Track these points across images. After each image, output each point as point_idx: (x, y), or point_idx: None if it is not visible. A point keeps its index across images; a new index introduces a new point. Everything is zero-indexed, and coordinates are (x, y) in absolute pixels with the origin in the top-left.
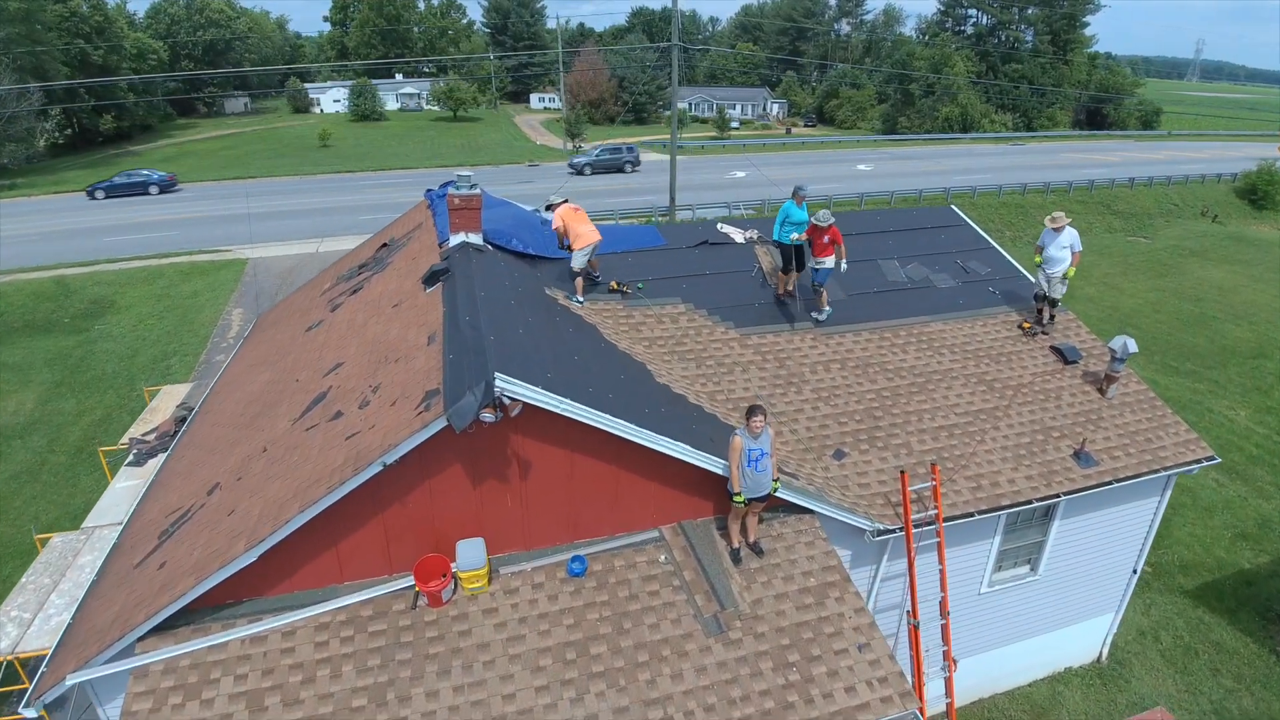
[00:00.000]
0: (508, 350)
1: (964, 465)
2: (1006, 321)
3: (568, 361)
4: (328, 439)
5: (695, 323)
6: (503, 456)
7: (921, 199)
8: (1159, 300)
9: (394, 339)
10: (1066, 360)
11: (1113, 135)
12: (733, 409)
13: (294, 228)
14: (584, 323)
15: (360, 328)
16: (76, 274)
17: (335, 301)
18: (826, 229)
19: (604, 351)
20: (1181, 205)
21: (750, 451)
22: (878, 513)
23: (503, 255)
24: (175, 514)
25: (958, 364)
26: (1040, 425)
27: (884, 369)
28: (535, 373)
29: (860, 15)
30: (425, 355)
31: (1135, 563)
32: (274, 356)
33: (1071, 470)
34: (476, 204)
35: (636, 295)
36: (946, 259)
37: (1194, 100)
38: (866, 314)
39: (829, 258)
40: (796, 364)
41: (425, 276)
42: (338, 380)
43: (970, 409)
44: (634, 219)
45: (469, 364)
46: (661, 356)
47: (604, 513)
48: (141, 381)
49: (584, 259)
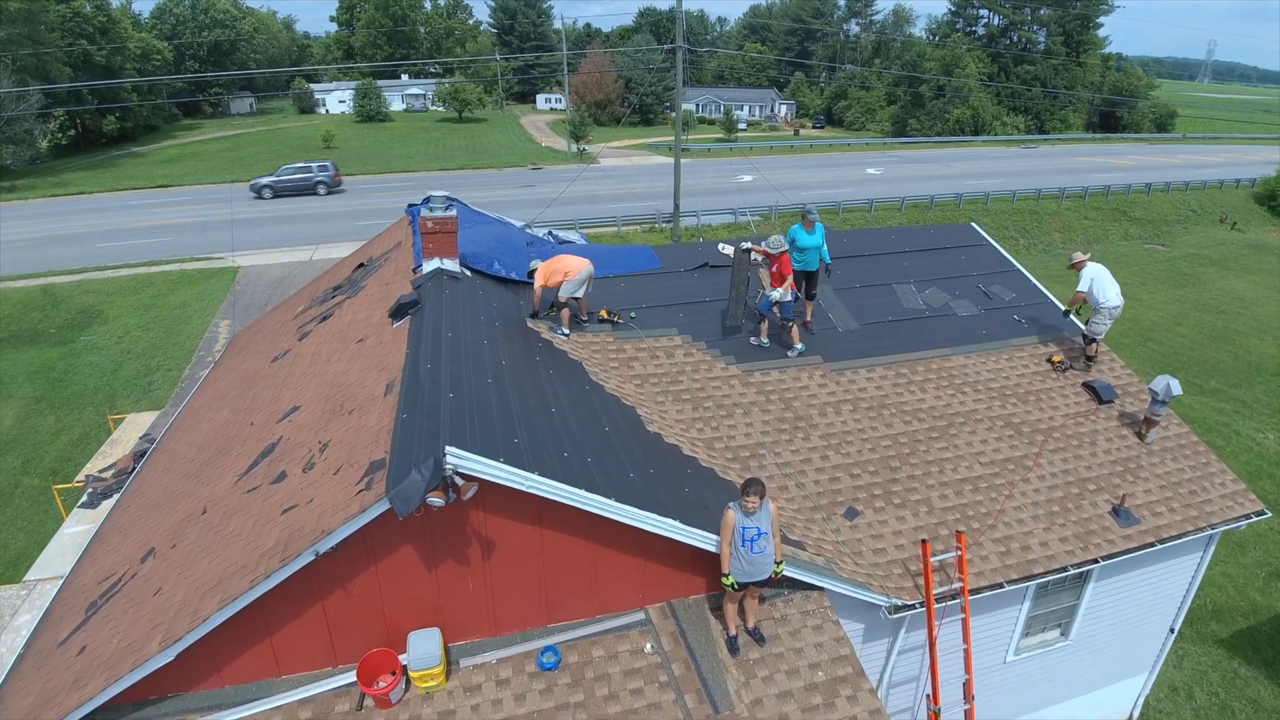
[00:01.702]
0: (468, 410)
1: (990, 525)
2: (1034, 354)
3: (542, 416)
4: (265, 509)
5: (693, 357)
6: (461, 535)
7: (933, 205)
8: (1179, 312)
9: (353, 382)
10: (1101, 399)
11: (1126, 138)
12: (732, 459)
13: (289, 234)
14: (568, 360)
15: (323, 364)
16: (66, 282)
17: (304, 329)
18: (777, 256)
19: (587, 396)
20: (1199, 212)
21: (745, 530)
22: (895, 585)
23: (482, 281)
24: (108, 581)
25: (981, 404)
26: (1074, 476)
27: (901, 411)
28: (499, 438)
29: (870, 15)
30: (380, 409)
31: (1173, 621)
32: (235, 390)
33: (1110, 529)
34: (452, 227)
35: (628, 326)
36: (967, 283)
37: (1207, 102)
38: (881, 346)
39: (776, 289)
40: (804, 405)
41: (393, 309)
42: (290, 429)
43: (997, 457)
44: (635, 226)
45: (421, 429)
46: (654, 397)
47: (581, 593)
48: (122, 398)
49: (574, 289)
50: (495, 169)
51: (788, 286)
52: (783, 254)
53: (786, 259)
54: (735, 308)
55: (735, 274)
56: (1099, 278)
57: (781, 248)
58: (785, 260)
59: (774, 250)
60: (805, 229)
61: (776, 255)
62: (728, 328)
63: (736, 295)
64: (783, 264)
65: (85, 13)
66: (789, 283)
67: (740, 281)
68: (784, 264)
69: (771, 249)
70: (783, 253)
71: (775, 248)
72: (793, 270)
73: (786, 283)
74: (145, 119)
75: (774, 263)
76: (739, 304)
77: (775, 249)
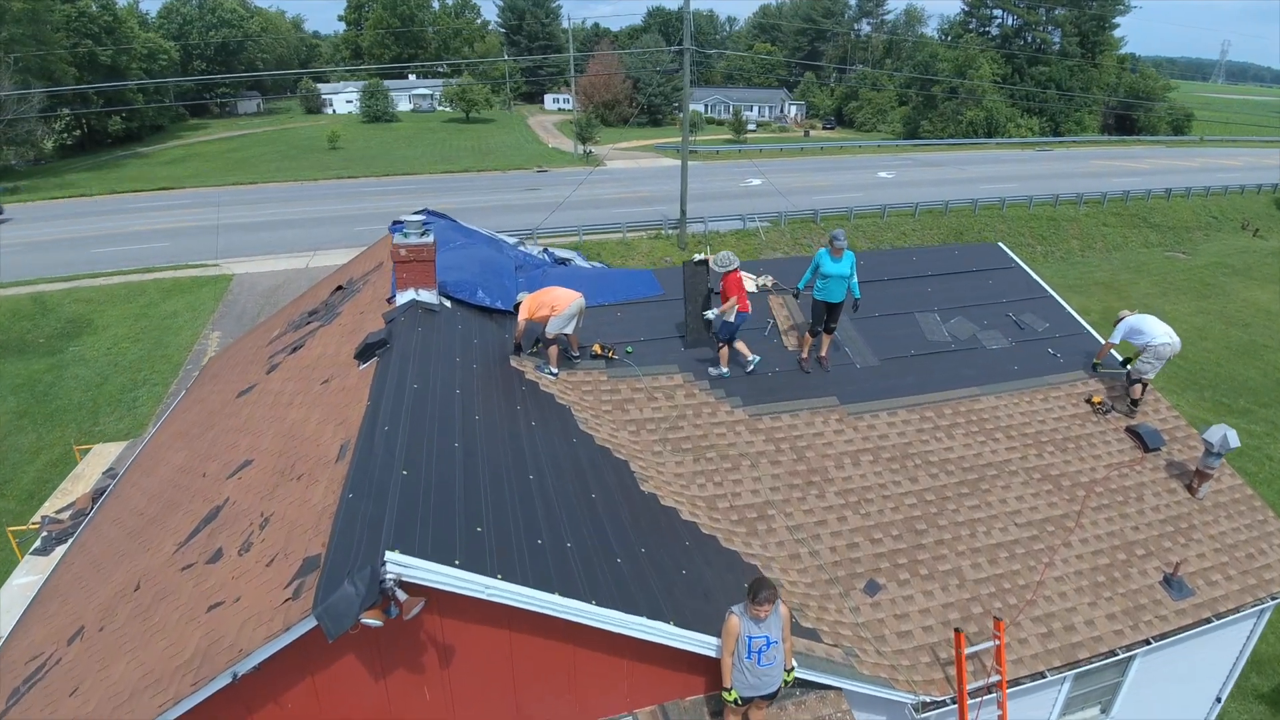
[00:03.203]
0: (424, 490)
1: (1029, 600)
2: (1072, 394)
3: (517, 487)
4: (193, 601)
5: (694, 399)
6: (414, 640)
7: (948, 210)
8: (1204, 325)
9: (309, 436)
10: (1147, 447)
11: (1143, 140)
12: (738, 520)
13: (287, 239)
14: (555, 405)
15: (284, 406)
16: (56, 290)
17: (274, 359)
18: (722, 275)
19: (574, 452)
20: (1220, 218)
21: (752, 640)
22: (922, 677)
23: (463, 312)
24: (34, 662)
25: (1016, 453)
26: (1120, 538)
27: (926, 461)
28: (458, 529)
29: (881, 15)
30: (328, 479)
31: (1220, 691)
32: (198, 428)
33: (1161, 603)
34: (428, 254)
35: (624, 362)
36: (995, 311)
37: (1221, 103)
38: (903, 385)
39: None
40: (819, 455)
41: (359, 349)
42: (238, 489)
43: (1035, 517)
44: (641, 232)
45: (364, 518)
46: (651, 447)
47: (559, 698)
48: (105, 415)
49: (563, 325)
50: (500, 171)
51: (732, 307)
52: (730, 272)
53: (734, 279)
54: (692, 321)
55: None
56: (1137, 324)
57: (728, 265)
58: (733, 280)
59: (720, 268)
60: (832, 255)
61: (722, 274)
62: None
63: (693, 310)
64: (729, 284)
65: (91, 12)
66: (733, 304)
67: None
68: (730, 284)
69: (718, 266)
70: (731, 270)
71: (722, 265)
72: (745, 292)
73: (730, 304)
74: (151, 119)
75: (722, 280)
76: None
77: (722, 266)
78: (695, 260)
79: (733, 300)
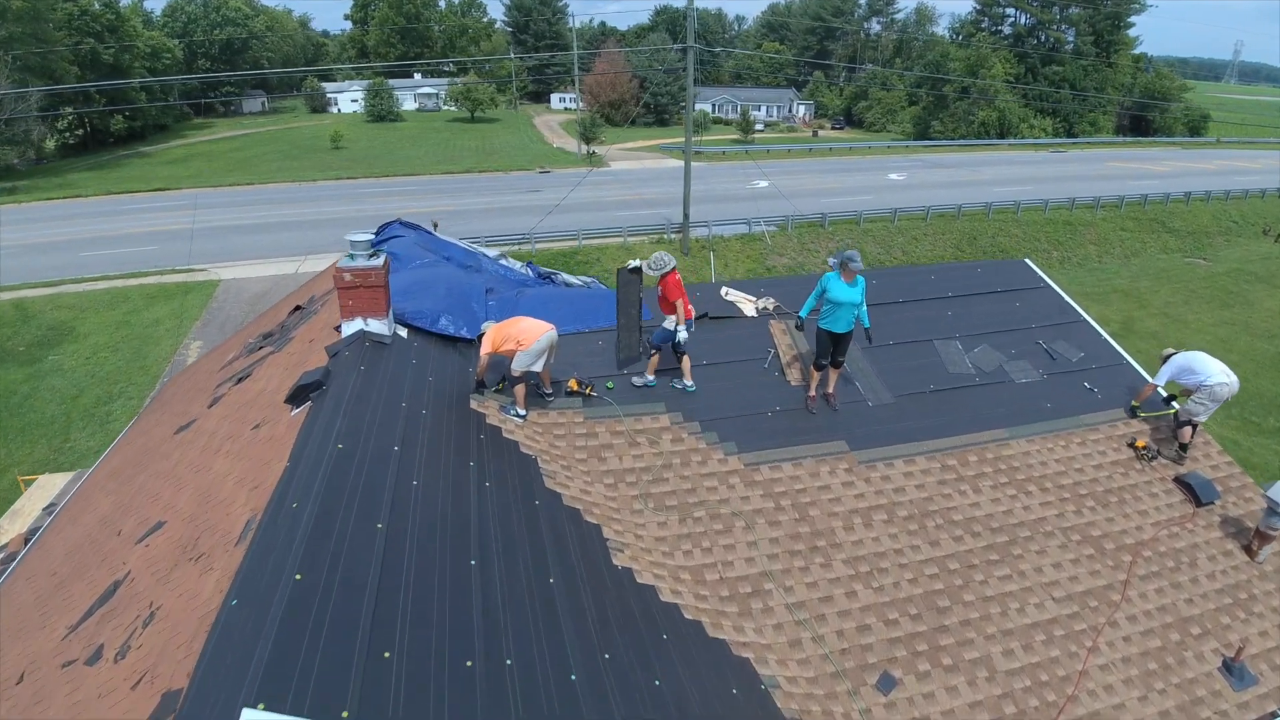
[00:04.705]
0: (321, 602)
1: (1071, 695)
2: (1112, 436)
3: (450, 584)
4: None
5: (682, 444)
6: None
7: (961, 215)
8: (1229, 337)
9: (223, 501)
10: (1199, 501)
11: (1158, 142)
12: (729, 597)
13: (280, 242)
14: (518, 457)
15: (212, 455)
16: (39, 295)
17: (219, 390)
18: (659, 279)
19: (534, 519)
20: (1241, 223)
21: None
22: None
23: (422, 342)
24: None
25: (1051, 509)
26: (1173, 614)
27: (949, 521)
28: (355, 656)
29: (891, 14)
30: (222, 569)
31: None
32: (131, 467)
33: (1222, 694)
34: (377, 279)
35: (604, 400)
36: (1024, 338)
37: (1234, 104)
38: (921, 427)
39: (670, 317)
40: (824, 513)
41: (291, 391)
42: (142, 561)
43: (1074, 589)
44: (643, 237)
45: (238, 644)
46: (630, 503)
47: None
48: (77, 430)
49: (530, 362)
50: (502, 172)
51: (683, 315)
52: (667, 274)
53: (673, 281)
54: (626, 337)
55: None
56: (1188, 363)
57: (664, 267)
58: (672, 282)
59: (654, 269)
60: (844, 279)
61: (659, 276)
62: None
63: (626, 323)
64: (668, 287)
65: (93, 11)
66: (682, 312)
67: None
68: (669, 287)
69: (652, 268)
70: (667, 273)
71: (657, 266)
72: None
73: (679, 311)
74: (155, 118)
75: (660, 285)
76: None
77: (656, 268)
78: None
79: (684, 306)
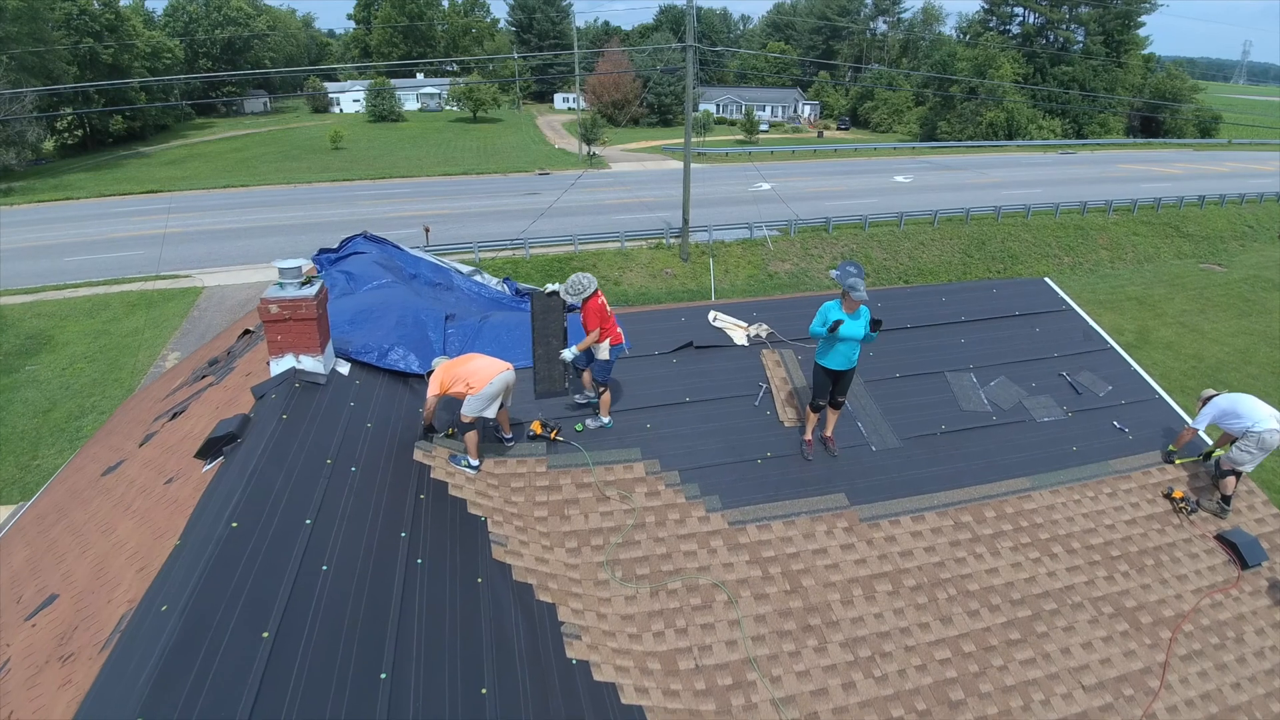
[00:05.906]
0: None
1: None
2: (1145, 485)
3: (349, 707)
4: None
5: (658, 498)
6: None
7: (969, 219)
8: (1248, 347)
9: (110, 580)
10: (1245, 563)
11: (1169, 144)
12: (704, 691)
13: (270, 247)
14: (463, 518)
15: (121, 513)
16: (19, 303)
17: (152, 427)
18: (581, 304)
19: (473, 602)
20: (1256, 227)
21: None
22: None
23: (366, 378)
24: None
25: (1079, 575)
26: (1219, 702)
27: (963, 592)
28: None
29: (898, 13)
30: (80, 683)
31: None
32: (56, 512)
33: None
34: (309, 311)
35: (571, 445)
36: (1046, 368)
37: (1244, 104)
38: (931, 477)
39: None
40: (819, 584)
41: (203, 445)
42: (23, 648)
43: (1107, 675)
44: (641, 242)
45: None
46: (594, 574)
47: None
48: (45, 447)
49: (483, 406)
50: (501, 174)
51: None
52: (589, 299)
53: (595, 305)
54: (544, 368)
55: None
56: (1232, 407)
57: (585, 291)
58: (593, 308)
59: (572, 296)
60: (845, 309)
61: (580, 302)
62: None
63: (544, 353)
64: (589, 313)
65: (92, 10)
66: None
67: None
68: (590, 312)
69: (570, 293)
70: (589, 298)
71: (575, 291)
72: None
73: (592, 337)
74: (155, 118)
75: (581, 310)
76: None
77: (575, 293)
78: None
79: (595, 333)
